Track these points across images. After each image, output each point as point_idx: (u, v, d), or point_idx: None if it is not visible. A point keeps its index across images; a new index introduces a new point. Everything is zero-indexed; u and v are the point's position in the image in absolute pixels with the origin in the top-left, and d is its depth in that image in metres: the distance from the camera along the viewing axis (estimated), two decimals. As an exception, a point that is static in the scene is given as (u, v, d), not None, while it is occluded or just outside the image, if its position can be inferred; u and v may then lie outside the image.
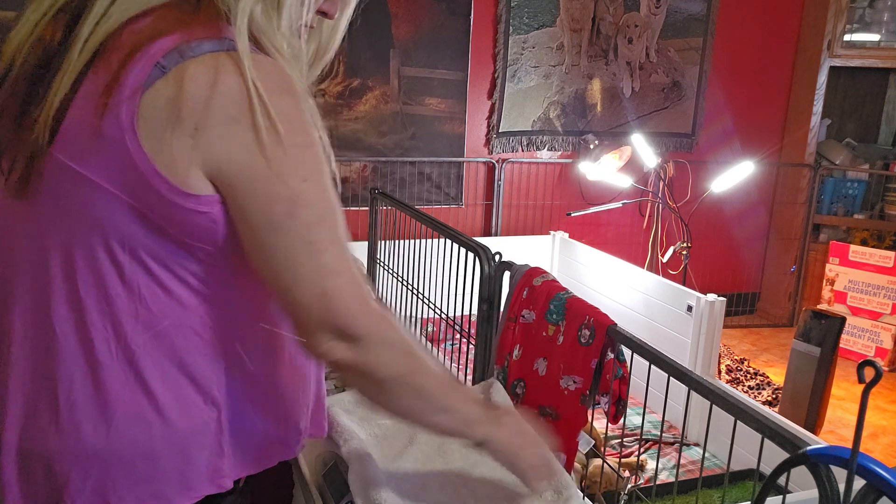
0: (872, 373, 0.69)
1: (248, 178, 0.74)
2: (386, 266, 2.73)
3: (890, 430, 3.06)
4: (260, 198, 0.75)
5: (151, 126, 0.71)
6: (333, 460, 1.33)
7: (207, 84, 0.71)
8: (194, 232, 0.77)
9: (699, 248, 4.07)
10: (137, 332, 0.79)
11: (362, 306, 0.82)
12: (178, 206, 0.74)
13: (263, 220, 0.76)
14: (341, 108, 3.43)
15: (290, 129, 0.75)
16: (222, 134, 0.72)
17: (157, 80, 0.71)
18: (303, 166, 0.78)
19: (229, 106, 0.72)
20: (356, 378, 0.86)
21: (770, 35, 4.21)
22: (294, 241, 0.77)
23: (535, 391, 1.58)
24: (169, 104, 0.71)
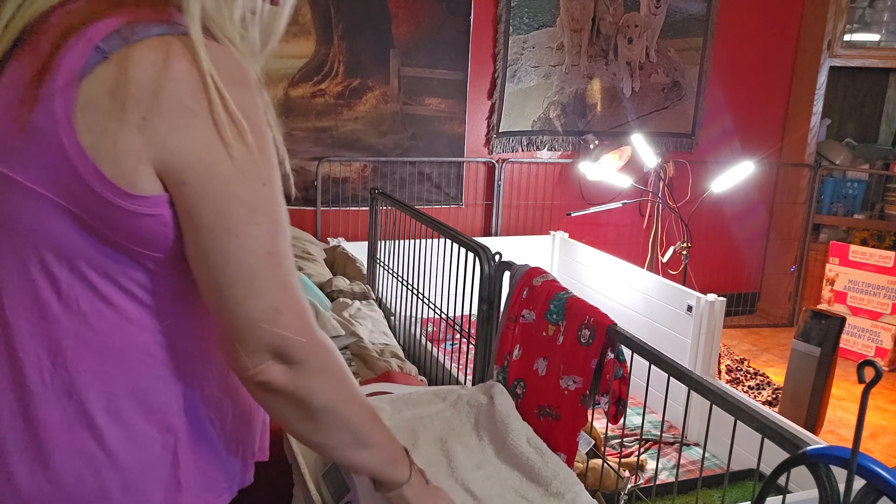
0: (872, 373, 0.69)
1: (204, 175, 0.66)
2: (386, 266, 2.73)
3: (890, 430, 3.06)
4: (216, 199, 0.66)
5: (91, 118, 0.63)
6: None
7: (157, 69, 0.63)
8: (142, 237, 0.68)
9: (699, 248, 4.07)
10: (78, 355, 0.70)
11: (308, 327, 0.75)
12: (123, 209, 0.65)
13: (219, 224, 0.67)
14: (341, 108, 3.43)
15: (251, 126, 0.67)
16: (175, 125, 0.64)
17: (96, 65, 0.62)
18: (263, 168, 0.70)
19: (183, 94, 0.63)
20: (285, 404, 0.76)
21: (770, 35, 4.22)
22: (252, 250, 0.69)
23: (535, 391, 1.58)
24: (112, 93, 0.62)
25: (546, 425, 1.52)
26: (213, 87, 0.64)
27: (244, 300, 0.70)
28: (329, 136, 3.44)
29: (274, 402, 0.76)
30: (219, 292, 0.70)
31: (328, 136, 3.44)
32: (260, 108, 0.70)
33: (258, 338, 0.71)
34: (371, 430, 0.86)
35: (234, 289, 0.69)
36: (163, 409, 0.75)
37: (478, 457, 1.38)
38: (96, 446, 0.72)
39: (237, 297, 0.70)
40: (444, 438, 1.42)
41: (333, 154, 3.46)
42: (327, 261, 2.93)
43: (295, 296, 0.73)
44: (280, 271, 0.72)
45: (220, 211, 0.67)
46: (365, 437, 0.84)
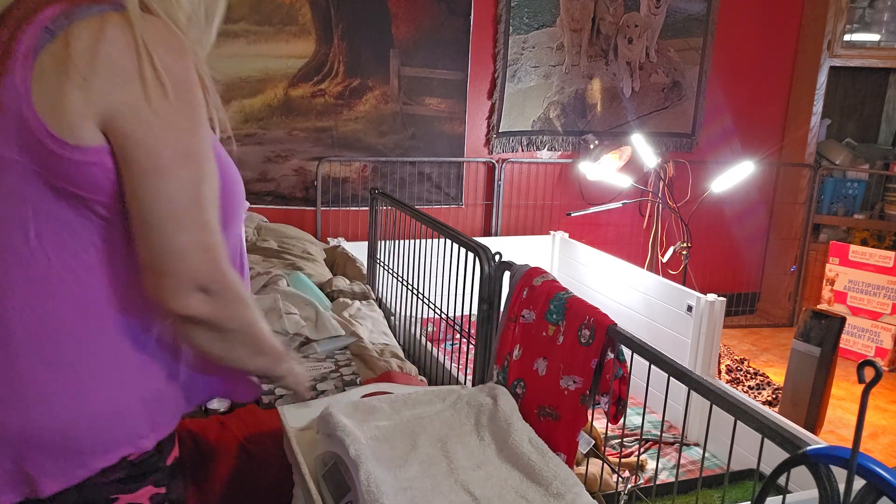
0: (872, 373, 0.69)
1: (136, 125, 0.76)
2: (386, 266, 2.73)
3: (890, 430, 3.06)
4: (148, 144, 0.77)
5: (43, 87, 0.74)
6: (333, 460, 1.33)
7: (93, 37, 0.74)
8: (89, 183, 0.78)
9: (699, 248, 4.07)
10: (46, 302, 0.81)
11: (226, 263, 0.86)
12: (71, 159, 0.76)
13: (150, 166, 0.77)
14: (341, 108, 3.43)
15: (177, 87, 0.78)
16: (110, 83, 0.75)
17: (47, 44, 0.74)
18: (192, 122, 0.80)
19: (115, 55, 0.74)
20: (205, 331, 0.87)
21: (770, 35, 4.22)
22: (181, 190, 0.79)
23: (535, 391, 1.58)
24: (58, 63, 0.73)
25: (546, 425, 1.52)
26: (144, 48, 0.75)
27: (173, 234, 0.80)
28: (329, 136, 3.44)
29: (194, 330, 0.87)
30: (150, 227, 0.79)
31: (328, 136, 3.44)
32: (191, 73, 0.80)
33: (186, 270, 0.81)
34: (266, 339, 0.99)
35: (165, 223, 0.79)
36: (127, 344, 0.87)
37: (478, 457, 1.38)
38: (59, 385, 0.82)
39: (168, 230, 0.79)
40: (443, 438, 1.42)
41: (333, 154, 3.46)
42: (327, 261, 2.93)
43: (216, 237, 0.84)
44: (206, 215, 0.82)
45: (152, 155, 0.77)
46: (261, 347, 0.98)
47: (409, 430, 1.43)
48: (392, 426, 1.43)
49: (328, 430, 1.36)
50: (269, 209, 3.36)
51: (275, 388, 1.84)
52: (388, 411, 1.48)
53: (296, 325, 2.10)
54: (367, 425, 1.40)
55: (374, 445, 1.34)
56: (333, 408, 1.41)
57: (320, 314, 2.19)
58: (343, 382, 1.89)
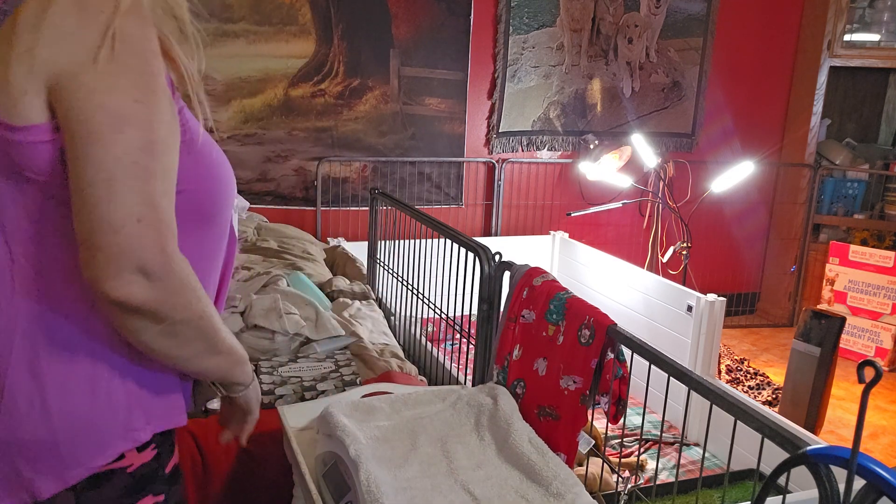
0: (872, 373, 0.69)
1: (72, 86, 0.71)
2: (386, 266, 2.73)
3: (890, 430, 3.06)
4: (82, 106, 0.71)
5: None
6: (333, 460, 1.33)
7: (40, 6, 0.70)
8: (37, 165, 0.74)
9: (699, 248, 4.07)
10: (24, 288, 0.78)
11: (171, 245, 0.76)
12: (15, 141, 0.72)
13: (83, 129, 0.71)
14: (341, 108, 3.43)
15: (127, 49, 0.72)
16: (54, 49, 0.70)
17: (1, 23, 0.70)
18: (135, 88, 0.73)
19: (59, 19, 0.70)
20: (146, 321, 0.77)
21: (770, 35, 4.22)
22: (117, 156, 0.72)
23: (535, 391, 1.58)
24: (4, 38, 0.70)
25: (546, 425, 1.52)
26: (92, 9, 0.70)
27: (102, 202, 0.71)
28: (329, 136, 3.44)
29: (133, 321, 0.77)
30: (81, 196, 0.72)
31: (328, 136, 3.44)
32: (150, 42, 0.75)
33: (119, 244, 0.72)
34: (221, 338, 0.88)
35: (93, 189, 0.71)
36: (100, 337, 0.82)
37: (478, 457, 1.38)
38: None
39: (96, 197, 0.71)
40: (443, 438, 1.42)
41: (333, 154, 3.45)
42: (327, 261, 2.93)
43: (161, 214, 0.75)
44: (147, 186, 0.74)
45: (85, 118, 0.71)
46: (216, 344, 0.87)
47: (409, 430, 1.43)
48: (392, 426, 1.43)
49: (328, 430, 1.36)
50: (269, 209, 3.36)
51: (275, 389, 1.84)
52: (388, 411, 1.48)
53: (296, 325, 2.10)
54: (367, 425, 1.40)
55: (374, 445, 1.34)
56: (333, 408, 1.41)
57: (320, 314, 2.19)
58: (343, 382, 1.89)
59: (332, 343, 2.14)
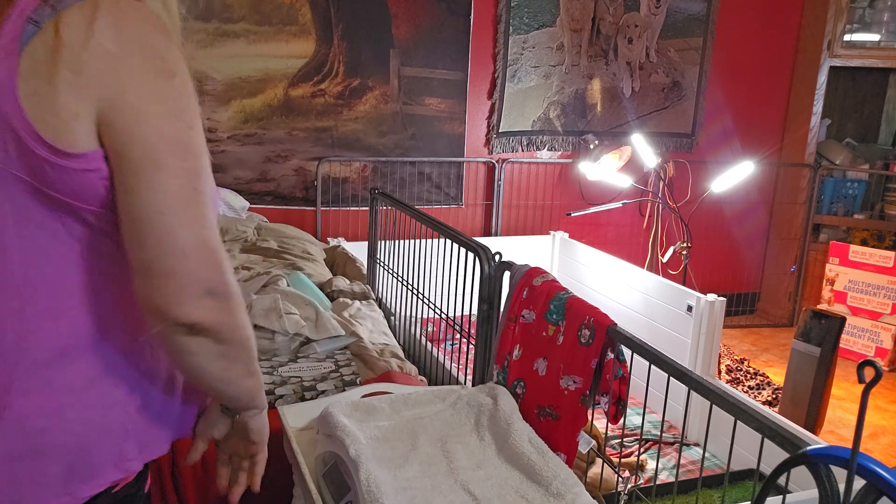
0: (872, 373, 0.69)
1: (132, 114, 0.69)
2: (386, 266, 2.73)
3: (890, 430, 3.06)
4: (145, 134, 0.70)
5: (32, 85, 0.66)
6: (333, 460, 1.33)
7: (84, 26, 0.67)
8: (81, 192, 0.71)
9: (699, 248, 4.07)
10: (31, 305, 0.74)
11: (228, 265, 0.76)
12: (62, 167, 0.69)
13: (147, 158, 0.70)
14: (341, 108, 3.43)
15: (170, 71, 0.72)
16: (104, 74, 0.67)
17: (32, 36, 0.66)
18: (186, 113, 0.73)
19: (109, 44, 0.67)
20: (209, 342, 0.77)
21: (770, 35, 4.22)
22: (182, 185, 0.71)
23: (535, 391, 1.58)
24: (47, 58, 0.66)
25: (546, 425, 1.52)
26: (139, 35, 0.69)
27: (175, 230, 0.71)
28: (329, 136, 3.44)
29: (194, 343, 0.76)
30: (146, 225, 0.71)
31: (328, 136, 3.44)
32: (180, 59, 0.73)
33: (189, 270, 0.72)
34: (256, 358, 0.87)
35: (164, 218, 0.71)
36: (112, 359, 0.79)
37: (478, 457, 1.38)
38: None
39: (168, 225, 0.71)
40: (443, 438, 1.42)
41: (333, 154, 3.45)
42: (327, 261, 2.93)
43: (217, 237, 0.75)
44: (206, 210, 0.74)
45: (149, 145, 0.69)
46: (254, 366, 0.86)
47: (409, 430, 1.43)
48: (392, 426, 1.43)
49: (328, 430, 1.36)
50: (269, 209, 3.36)
51: (275, 389, 1.84)
52: (388, 411, 1.48)
53: (296, 325, 2.10)
54: (367, 425, 1.40)
55: (374, 445, 1.34)
56: (333, 408, 1.41)
57: (320, 314, 2.19)
58: (343, 382, 1.89)
59: (332, 343, 2.14)
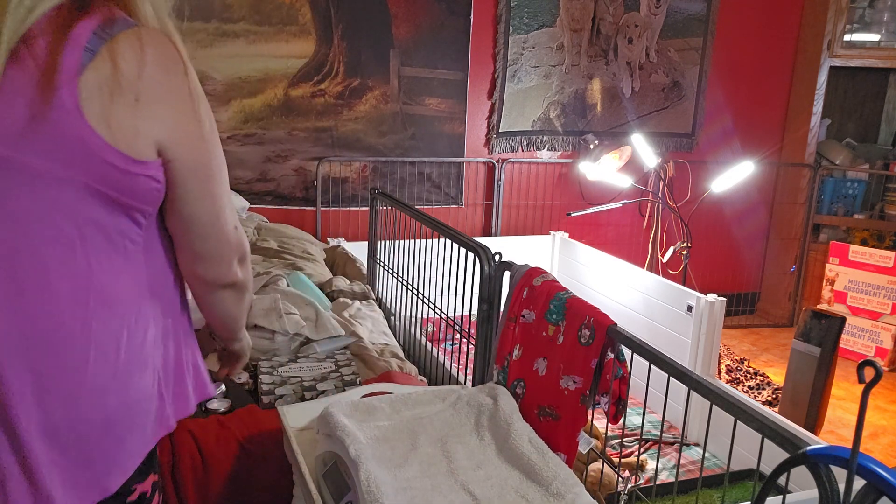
0: (872, 373, 0.69)
1: (188, 141, 0.86)
2: (386, 266, 2.73)
3: (890, 430, 3.06)
4: (199, 154, 0.88)
5: (96, 104, 0.77)
6: (333, 460, 1.33)
7: (136, 57, 0.79)
8: (142, 195, 0.85)
9: (699, 248, 4.07)
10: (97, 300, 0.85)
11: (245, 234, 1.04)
12: (130, 172, 0.81)
13: (204, 173, 0.89)
14: (341, 108, 3.43)
15: (203, 99, 0.88)
16: (157, 100, 0.82)
17: (89, 62, 0.77)
18: (216, 134, 0.92)
19: (158, 74, 0.81)
20: (236, 293, 1.04)
21: (770, 35, 4.22)
22: (226, 192, 0.95)
23: (535, 391, 1.58)
24: (108, 82, 0.78)
25: (546, 425, 1.52)
26: (177, 65, 0.83)
27: (224, 223, 0.95)
28: (329, 136, 3.44)
29: (227, 293, 1.03)
30: (210, 223, 0.93)
31: (328, 136, 3.44)
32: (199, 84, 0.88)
33: (231, 247, 0.98)
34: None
35: (220, 216, 0.94)
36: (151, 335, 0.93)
37: (478, 457, 1.38)
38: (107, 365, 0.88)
39: (222, 223, 0.94)
40: (443, 438, 1.42)
41: (333, 154, 3.46)
42: (327, 261, 2.93)
43: (237, 218, 1.00)
44: (230, 204, 0.97)
45: (204, 163, 0.89)
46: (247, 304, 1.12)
47: (409, 430, 1.43)
48: (392, 426, 1.43)
49: (328, 430, 1.36)
50: (269, 209, 3.36)
51: (275, 389, 1.84)
52: (388, 411, 1.48)
53: (296, 325, 2.11)
54: (367, 425, 1.40)
55: (374, 445, 1.34)
56: (333, 408, 1.41)
57: (320, 314, 2.19)
58: (343, 382, 1.89)
59: (332, 343, 2.14)
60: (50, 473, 0.83)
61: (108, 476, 0.88)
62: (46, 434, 0.83)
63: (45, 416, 0.82)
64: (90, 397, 0.85)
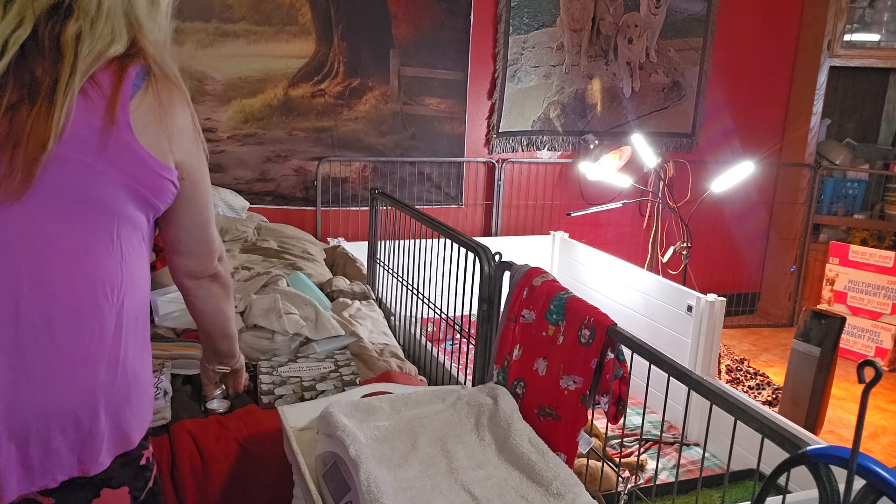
0: (872, 373, 0.69)
1: (197, 164, 1.10)
2: (386, 266, 2.73)
3: (890, 430, 3.06)
4: (200, 175, 1.12)
5: (142, 124, 1.01)
6: (333, 460, 1.33)
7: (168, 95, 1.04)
8: (165, 195, 1.06)
9: (699, 248, 4.07)
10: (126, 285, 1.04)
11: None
12: (163, 176, 1.04)
13: (203, 188, 1.13)
14: (341, 108, 3.43)
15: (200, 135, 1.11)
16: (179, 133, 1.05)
17: (136, 92, 1.01)
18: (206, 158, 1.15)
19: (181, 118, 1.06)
20: (221, 287, 1.25)
21: (770, 35, 4.22)
22: (212, 203, 1.18)
23: (535, 391, 1.58)
24: (151, 112, 1.02)
25: (546, 425, 1.52)
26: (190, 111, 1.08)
27: (213, 229, 1.19)
28: (329, 136, 3.44)
29: (215, 287, 1.24)
30: (203, 227, 1.17)
31: (328, 136, 3.44)
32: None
33: (215, 248, 1.20)
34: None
35: (207, 222, 1.17)
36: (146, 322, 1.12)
37: (478, 457, 1.38)
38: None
39: (210, 227, 1.18)
40: (443, 438, 1.42)
41: (333, 154, 3.46)
42: (327, 261, 2.93)
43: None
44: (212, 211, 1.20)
45: (202, 181, 1.13)
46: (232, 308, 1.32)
47: (409, 430, 1.43)
48: (392, 426, 1.43)
49: (328, 430, 1.36)
50: (269, 209, 3.36)
51: (275, 389, 1.84)
52: (388, 411, 1.48)
53: (296, 325, 2.10)
54: (367, 425, 1.40)
55: (374, 445, 1.34)
56: (333, 408, 1.41)
57: (320, 314, 2.19)
58: (343, 382, 1.89)
59: (332, 343, 2.14)
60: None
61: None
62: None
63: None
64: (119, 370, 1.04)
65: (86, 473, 1.01)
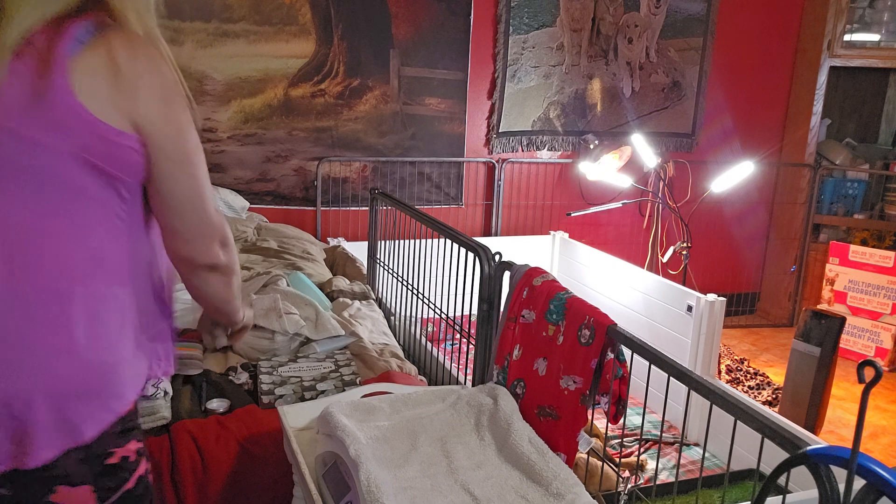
0: (872, 373, 0.69)
1: (164, 125, 0.96)
2: (386, 266, 2.73)
3: (890, 430, 3.06)
4: (176, 138, 0.98)
5: (87, 84, 0.91)
6: (333, 460, 1.33)
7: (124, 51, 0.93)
8: (125, 164, 0.95)
9: (699, 248, 4.07)
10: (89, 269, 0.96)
11: (227, 225, 1.11)
12: (114, 141, 0.93)
13: (181, 155, 0.99)
14: (341, 108, 3.43)
15: (179, 89, 0.99)
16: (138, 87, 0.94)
17: (78, 51, 0.91)
18: (192, 121, 1.01)
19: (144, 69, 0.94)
20: (222, 275, 1.10)
21: (770, 35, 4.22)
22: (204, 174, 1.03)
23: (535, 391, 1.58)
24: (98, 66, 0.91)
25: (546, 425, 1.52)
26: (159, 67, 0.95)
27: (205, 204, 1.03)
28: (329, 136, 3.44)
29: (211, 275, 1.09)
30: (185, 203, 1.01)
31: (328, 136, 3.44)
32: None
33: (213, 229, 1.05)
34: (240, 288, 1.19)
35: (196, 199, 1.02)
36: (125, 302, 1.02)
37: (478, 457, 1.38)
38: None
39: (202, 200, 1.02)
40: (443, 438, 1.42)
41: (333, 154, 3.46)
42: (327, 261, 2.93)
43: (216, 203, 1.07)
44: (211, 189, 1.05)
45: (181, 147, 0.98)
46: (238, 291, 1.18)
47: (409, 430, 1.43)
48: (392, 426, 1.43)
49: (328, 430, 1.36)
50: (269, 209, 3.36)
51: (275, 389, 1.84)
52: (388, 411, 1.48)
53: (296, 325, 2.10)
54: (367, 425, 1.40)
55: (374, 445, 1.34)
56: (333, 408, 1.41)
57: (320, 314, 2.19)
58: (343, 382, 1.89)
59: (332, 343, 2.14)
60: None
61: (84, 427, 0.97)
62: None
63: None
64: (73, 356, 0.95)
65: (23, 465, 0.94)
